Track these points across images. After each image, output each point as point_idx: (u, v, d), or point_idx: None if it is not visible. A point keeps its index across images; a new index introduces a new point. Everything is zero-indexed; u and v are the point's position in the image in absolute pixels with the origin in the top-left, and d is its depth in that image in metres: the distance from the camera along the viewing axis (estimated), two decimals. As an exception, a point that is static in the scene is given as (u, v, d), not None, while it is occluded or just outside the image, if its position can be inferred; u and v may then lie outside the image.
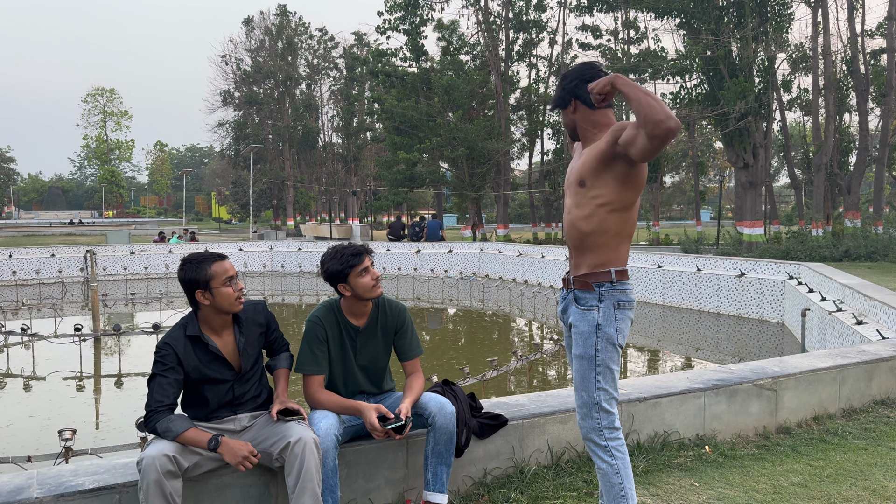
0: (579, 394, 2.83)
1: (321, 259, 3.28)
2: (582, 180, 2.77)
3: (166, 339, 2.89)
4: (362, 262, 3.16)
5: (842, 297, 9.28)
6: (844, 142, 28.72)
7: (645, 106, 2.42)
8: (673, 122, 2.37)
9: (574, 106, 2.84)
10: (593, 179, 2.74)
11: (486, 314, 15.71)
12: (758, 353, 11.19)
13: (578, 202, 2.79)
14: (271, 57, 49.97)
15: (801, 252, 18.44)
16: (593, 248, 2.78)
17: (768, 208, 27.96)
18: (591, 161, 2.74)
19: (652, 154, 2.50)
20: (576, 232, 2.81)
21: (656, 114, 2.39)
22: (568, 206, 2.87)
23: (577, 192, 2.80)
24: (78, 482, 2.83)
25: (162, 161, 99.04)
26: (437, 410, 3.13)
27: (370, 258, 3.21)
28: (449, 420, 3.13)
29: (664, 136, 2.40)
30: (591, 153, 2.77)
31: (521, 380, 9.14)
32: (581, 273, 2.81)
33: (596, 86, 2.68)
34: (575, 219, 2.81)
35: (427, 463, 3.16)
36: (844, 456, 4.05)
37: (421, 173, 30.30)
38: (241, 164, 54.07)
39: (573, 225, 2.82)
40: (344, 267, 3.15)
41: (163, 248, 23.49)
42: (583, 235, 2.79)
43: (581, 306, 2.80)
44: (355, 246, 3.23)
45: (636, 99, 2.46)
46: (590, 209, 2.76)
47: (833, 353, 5.20)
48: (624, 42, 31.14)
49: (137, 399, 8.61)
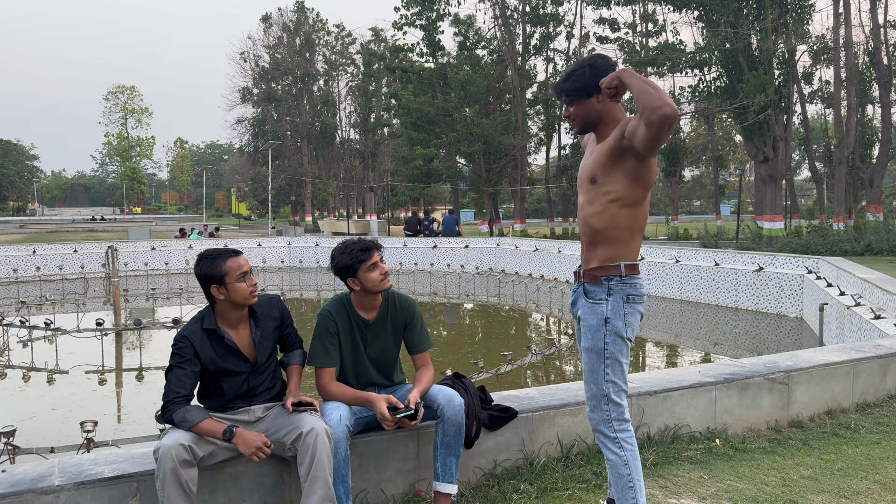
0: (589, 386, 2.87)
1: (331, 254, 3.35)
2: (593, 177, 2.81)
3: (183, 332, 2.97)
4: (371, 258, 3.22)
5: (860, 292, 9.20)
6: (867, 134, 28.34)
7: (643, 94, 2.46)
8: (669, 108, 2.39)
9: (598, 98, 2.82)
10: (604, 176, 2.78)
11: (502, 309, 15.73)
12: (775, 348, 11.12)
13: (591, 199, 2.83)
14: (289, 53, 50.23)
15: (822, 246, 18.24)
16: (605, 243, 2.82)
17: (789, 202, 27.67)
18: (602, 158, 2.78)
19: (652, 143, 2.52)
20: (588, 228, 2.86)
21: (653, 100, 2.42)
22: (581, 203, 2.92)
23: (590, 189, 2.84)
24: (97, 470, 2.92)
25: (182, 158, 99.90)
26: (445, 403, 3.17)
27: (379, 253, 3.27)
28: (457, 412, 3.17)
29: (661, 123, 2.43)
30: (601, 150, 2.80)
31: (536, 374, 9.17)
32: (591, 267, 2.85)
33: (604, 81, 2.71)
34: (588, 215, 2.85)
35: (436, 454, 3.21)
36: (856, 450, 4.05)
37: (438, 169, 30.32)
38: (259, 161, 54.49)
39: (586, 221, 2.87)
40: (353, 262, 3.21)
41: (183, 244, 23.75)
42: (595, 231, 2.83)
43: (590, 299, 2.84)
44: (364, 241, 3.29)
45: (637, 88, 2.50)
46: (601, 205, 2.80)
47: (847, 348, 5.18)
48: (642, 35, 30.91)
49: (157, 392, 8.76)
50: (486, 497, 3.41)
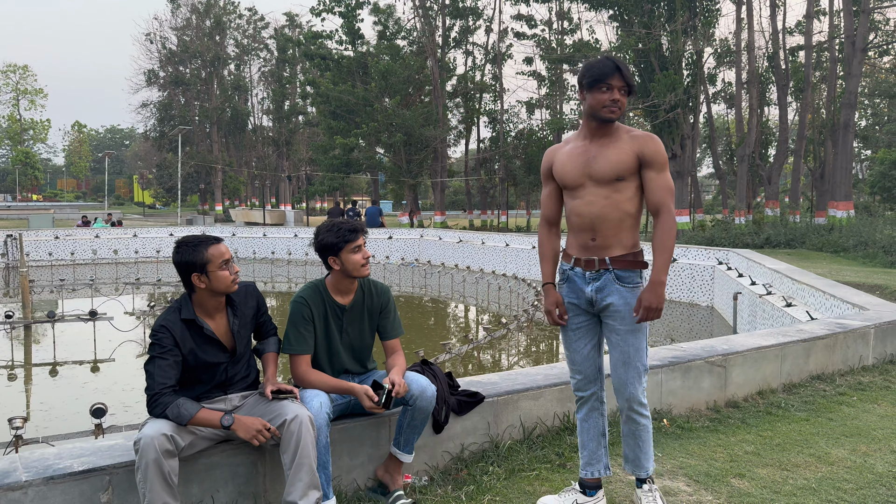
0: (632, 365, 3.06)
1: (316, 230, 3.32)
2: (621, 176, 2.98)
3: (161, 322, 2.87)
4: (357, 240, 3.22)
5: (770, 281, 9.82)
6: (765, 134, 30.11)
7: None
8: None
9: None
10: (630, 176, 3.00)
11: (432, 300, 15.83)
12: (688, 336, 11.72)
13: (617, 189, 3.00)
14: (198, 36, 48.47)
15: (725, 239, 19.32)
16: (628, 230, 3.03)
17: (693, 197, 29.08)
18: (629, 161, 2.97)
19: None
20: (611, 218, 3.00)
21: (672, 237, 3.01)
22: (597, 195, 3.03)
23: (615, 185, 3.00)
24: (65, 465, 2.79)
25: (80, 143, 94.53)
26: (418, 394, 3.21)
27: (364, 238, 3.27)
28: (429, 403, 3.24)
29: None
30: (620, 155, 2.98)
31: (468, 363, 9.30)
32: (619, 254, 3.03)
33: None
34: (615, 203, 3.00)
35: (401, 429, 3.30)
36: (789, 426, 4.36)
37: (357, 159, 30.06)
38: (166, 147, 52.34)
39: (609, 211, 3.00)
40: (339, 241, 3.20)
41: (89, 233, 22.59)
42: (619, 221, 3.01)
43: (627, 284, 3.03)
44: (352, 223, 3.29)
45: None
46: (624, 200, 3.00)
47: (774, 333, 5.54)
48: (558, 33, 31.65)
49: (77, 387, 8.37)
50: (457, 480, 3.47)
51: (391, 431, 3.44)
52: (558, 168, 3.13)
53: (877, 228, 18.34)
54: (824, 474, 3.62)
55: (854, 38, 21.12)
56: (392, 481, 3.30)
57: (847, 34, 21.69)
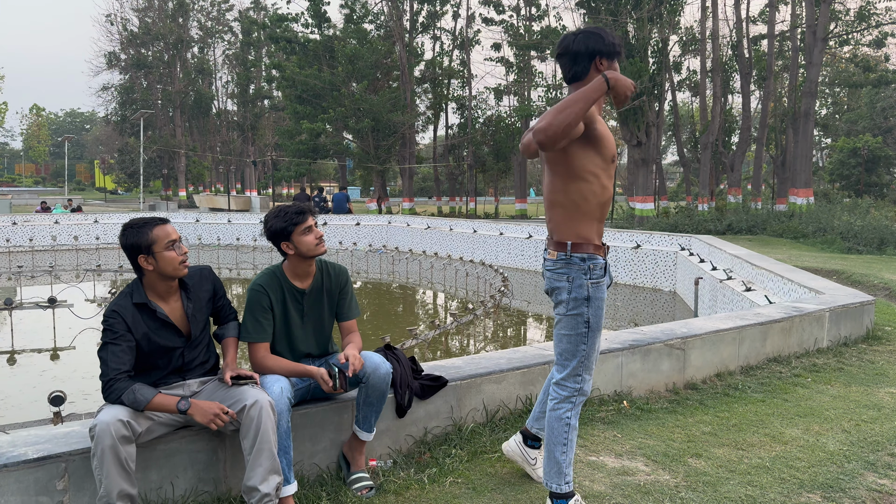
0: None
1: (265, 218, 3.29)
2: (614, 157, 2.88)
3: (113, 307, 2.82)
4: (306, 221, 3.20)
5: (731, 267, 10.01)
6: (728, 122, 30.55)
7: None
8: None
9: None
10: None
11: (400, 286, 15.81)
12: (651, 320, 11.90)
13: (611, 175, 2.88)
14: (160, 18, 47.41)
15: (689, 226, 19.63)
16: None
17: (657, 184, 29.43)
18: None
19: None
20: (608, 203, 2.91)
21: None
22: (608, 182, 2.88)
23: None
24: (19, 452, 2.74)
25: (39, 126, 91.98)
26: (371, 371, 3.20)
27: (314, 218, 3.26)
28: (382, 380, 3.21)
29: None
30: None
31: (436, 349, 9.34)
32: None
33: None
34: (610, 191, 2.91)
35: (359, 408, 3.28)
36: (746, 408, 4.47)
37: (324, 144, 29.79)
38: (127, 131, 51.27)
39: (610, 198, 2.91)
40: (287, 224, 3.18)
41: (48, 219, 22.06)
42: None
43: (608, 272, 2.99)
44: (299, 205, 3.27)
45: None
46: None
47: (733, 316, 5.66)
48: (526, 19, 31.64)
49: (35, 375, 8.21)
50: (420, 463, 3.50)
51: (353, 416, 3.44)
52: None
53: (835, 215, 18.81)
54: (778, 453, 3.72)
55: (815, 28, 21.52)
56: (353, 461, 3.31)
57: (808, 24, 22.08)
